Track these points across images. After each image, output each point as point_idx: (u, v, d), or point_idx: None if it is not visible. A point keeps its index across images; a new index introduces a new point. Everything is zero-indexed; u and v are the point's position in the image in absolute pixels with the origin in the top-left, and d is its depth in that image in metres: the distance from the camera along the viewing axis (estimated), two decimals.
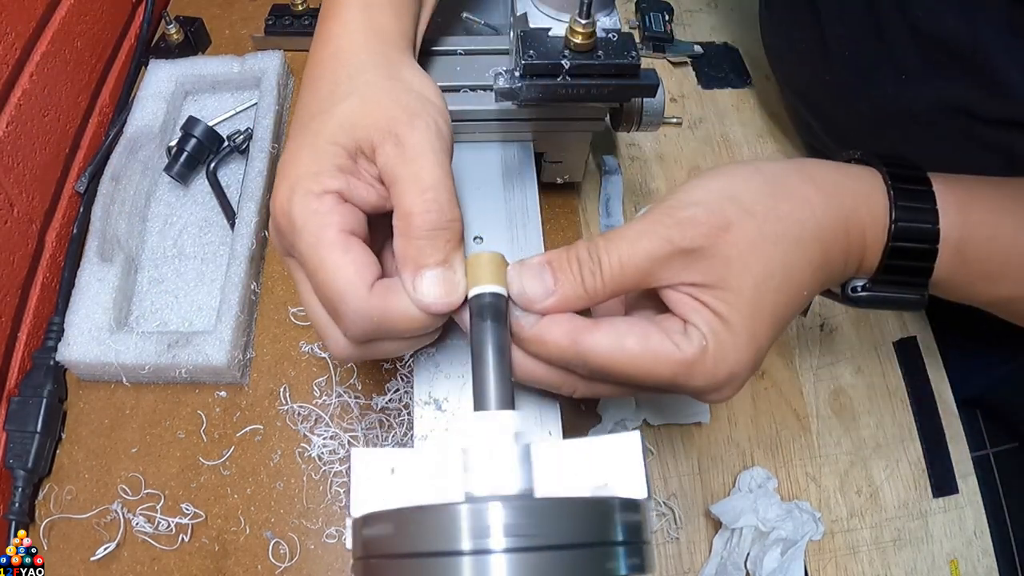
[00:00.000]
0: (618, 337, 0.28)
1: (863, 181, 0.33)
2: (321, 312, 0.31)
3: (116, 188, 0.53)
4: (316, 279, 0.29)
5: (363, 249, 0.30)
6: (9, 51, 0.47)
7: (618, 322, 0.29)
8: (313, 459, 0.45)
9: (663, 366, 0.28)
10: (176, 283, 0.51)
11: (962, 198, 0.33)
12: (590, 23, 0.35)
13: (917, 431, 0.50)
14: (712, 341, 0.28)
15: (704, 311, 0.29)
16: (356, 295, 0.28)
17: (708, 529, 0.46)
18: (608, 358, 0.28)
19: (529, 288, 0.29)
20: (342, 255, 0.29)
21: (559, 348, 0.29)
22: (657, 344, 0.28)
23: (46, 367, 0.47)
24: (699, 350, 0.28)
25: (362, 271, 0.29)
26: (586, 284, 0.29)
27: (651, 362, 0.28)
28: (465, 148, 0.45)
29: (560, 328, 0.29)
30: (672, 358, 0.28)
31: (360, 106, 0.31)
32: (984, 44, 0.41)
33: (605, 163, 0.58)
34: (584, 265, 0.29)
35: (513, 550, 0.21)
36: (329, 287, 0.29)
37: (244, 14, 0.67)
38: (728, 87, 0.66)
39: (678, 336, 0.29)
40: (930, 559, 0.46)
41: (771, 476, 0.46)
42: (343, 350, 0.32)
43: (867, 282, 0.34)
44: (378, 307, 0.29)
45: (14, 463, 0.44)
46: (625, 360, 0.28)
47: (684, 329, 0.29)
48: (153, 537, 0.43)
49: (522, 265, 0.30)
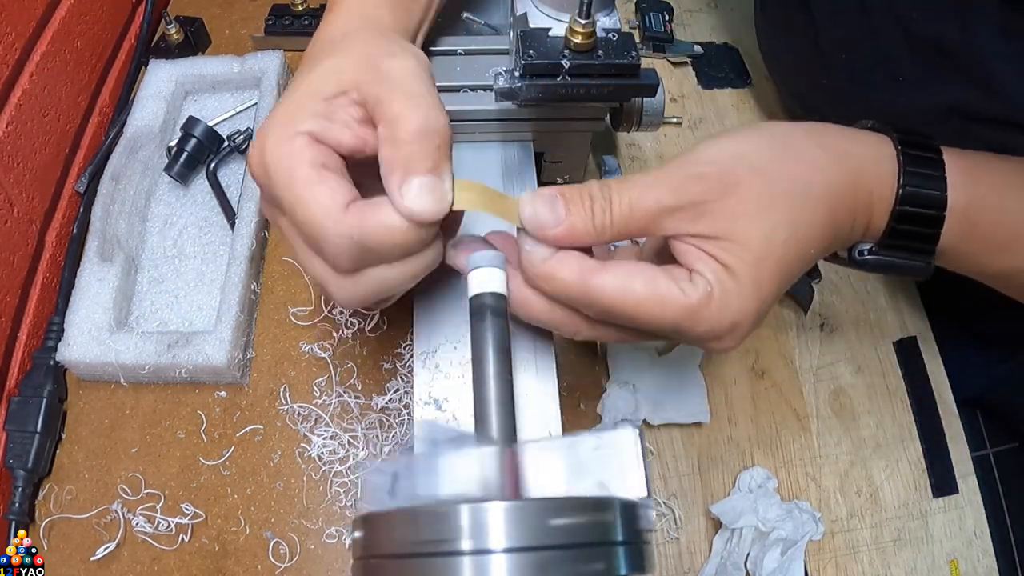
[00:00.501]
0: (626, 278, 0.29)
1: (872, 146, 0.34)
2: (314, 259, 0.31)
3: (116, 188, 0.53)
4: (295, 218, 0.29)
5: (337, 177, 0.29)
6: (9, 51, 0.47)
7: (627, 264, 0.30)
8: (313, 459, 0.45)
9: (668, 310, 0.29)
10: (176, 283, 0.51)
11: (972, 169, 0.34)
12: (590, 23, 0.35)
13: (917, 431, 0.50)
14: (717, 289, 0.29)
15: (710, 260, 0.29)
16: (330, 216, 0.28)
17: (708, 529, 0.46)
18: (615, 298, 0.29)
19: (541, 214, 0.29)
20: (315, 184, 0.28)
21: (567, 285, 0.29)
22: (664, 288, 0.29)
23: (46, 367, 0.47)
24: (704, 296, 0.29)
25: (335, 194, 0.28)
26: (595, 219, 0.29)
27: (657, 305, 0.29)
28: (465, 148, 0.45)
29: (570, 265, 0.29)
30: (677, 302, 0.29)
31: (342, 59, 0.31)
32: (977, 46, 0.41)
33: (605, 163, 0.58)
34: (595, 200, 0.30)
35: (513, 550, 0.21)
36: (308, 220, 0.28)
37: (244, 14, 0.67)
38: (728, 87, 0.66)
39: (684, 282, 0.29)
40: (930, 559, 0.46)
41: (771, 476, 0.46)
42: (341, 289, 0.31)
43: (874, 246, 0.35)
44: (355, 225, 0.28)
45: (14, 463, 0.44)
46: (631, 302, 0.29)
47: (690, 276, 0.30)
48: (153, 537, 0.43)
49: (535, 192, 0.30)
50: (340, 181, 0.29)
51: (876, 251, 0.35)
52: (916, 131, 0.35)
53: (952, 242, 0.34)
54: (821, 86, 0.54)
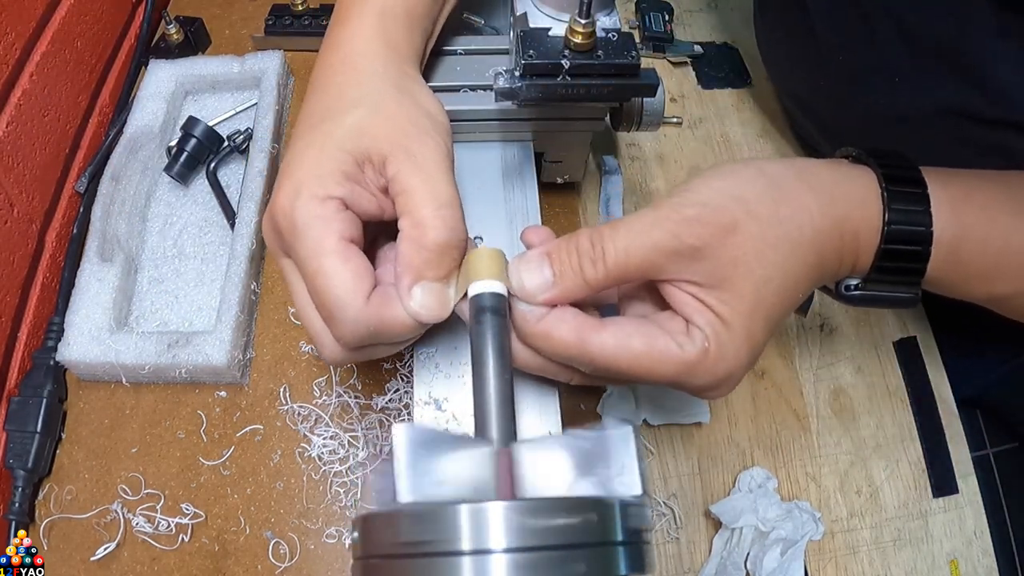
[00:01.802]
0: (625, 337, 0.29)
1: (858, 185, 0.33)
2: (315, 316, 0.32)
3: (116, 188, 0.53)
4: (313, 284, 0.30)
5: (362, 258, 0.30)
6: (9, 51, 0.47)
7: (623, 323, 0.30)
8: (313, 459, 0.45)
9: (667, 366, 0.29)
10: (176, 283, 0.51)
11: (957, 197, 0.34)
12: (590, 23, 0.35)
13: (917, 431, 0.50)
14: (714, 343, 0.29)
15: (707, 313, 0.29)
16: (354, 304, 0.29)
17: (708, 529, 0.46)
18: (612, 356, 0.29)
19: (528, 281, 0.30)
20: (342, 264, 0.29)
21: (564, 345, 0.29)
22: (662, 345, 0.29)
23: (46, 367, 0.47)
24: (701, 351, 0.29)
25: (361, 281, 0.29)
26: (586, 275, 0.29)
27: (656, 362, 0.29)
28: (465, 148, 0.45)
29: (567, 325, 0.29)
30: (676, 359, 0.29)
31: (370, 115, 0.32)
32: (974, 47, 0.41)
33: (605, 163, 0.58)
34: (584, 255, 0.30)
35: (513, 550, 0.21)
36: (327, 294, 0.29)
37: (244, 14, 0.67)
38: (728, 87, 0.66)
39: (681, 337, 0.29)
40: (930, 559, 0.46)
41: (771, 476, 0.46)
42: (335, 354, 0.32)
43: (860, 281, 0.35)
44: (375, 316, 0.29)
45: (14, 463, 0.44)
46: (630, 359, 0.29)
47: (687, 330, 0.30)
48: (153, 537, 0.43)
49: (520, 259, 0.30)
50: (364, 265, 0.30)
51: (862, 286, 0.35)
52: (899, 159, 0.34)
53: (939, 272, 0.34)
54: (819, 87, 0.54)
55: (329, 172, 0.30)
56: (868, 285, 0.35)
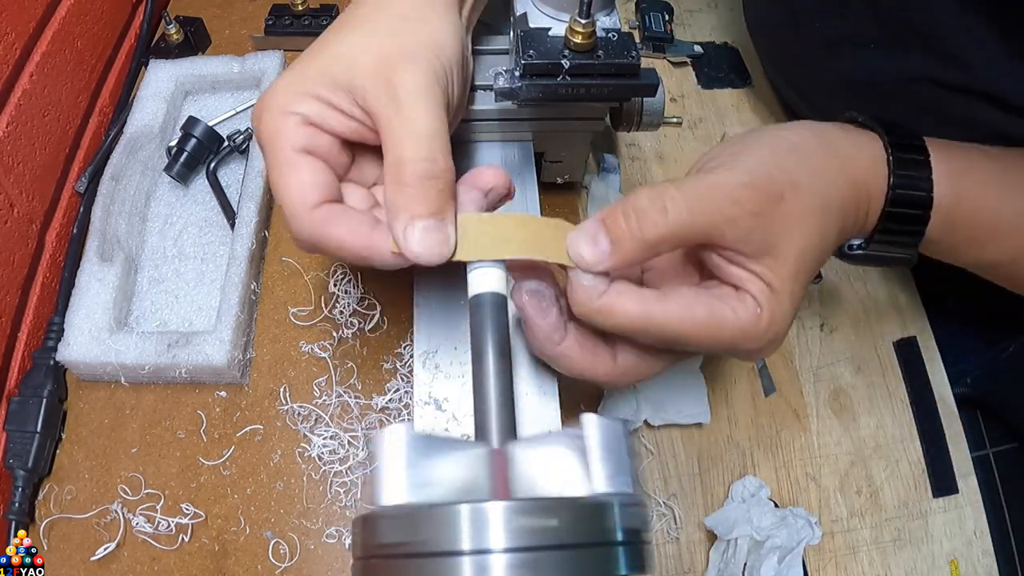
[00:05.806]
0: (687, 307, 0.29)
1: (868, 150, 0.35)
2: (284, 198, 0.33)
3: (116, 188, 0.53)
4: (272, 187, 0.31)
5: (313, 169, 0.31)
6: (9, 51, 0.47)
7: (684, 292, 0.30)
8: (313, 459, 0.45)
9: (726, 332, 0.30)
10: (176, 283, 0.51)
11: (956, 168, 0.36)
12: (590, 23, 0.35)
13: (917, 431, 0.50)
14: (766, 309, 0.30)
15: (757, 281, 0.30)
16: (295, 214, 0.30)
17: (708, 530, 0.46)
18: (680, 326, 0.29)
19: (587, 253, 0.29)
20: (290, 173, 0.30)
21: (629, 318, 0.29)
22: (721, 313, 0.30)
23: (46, 367, 0.47)
24: (755, 316, 0.30)
25: (305, 192, 0.30)
26: (646, 234, 0.29)
27: (717, 329, 0.30)
28: (465, 148, 0.45)
29: (629, 298, 0.29)
30: (734, 325, 0.30)
31: (357, 42, 0.32)
32: (938, 20, 0.43)
33: (605, 162, 0.58)
34: (644, 214, 0.29)
35: (513, 550, 0.21)
36: (278, 199, 0.31)
37: (244, 14, 0.67)
38: (728, 87, 0.66)
39: (735, 303, 0.30)
40: (930, 559, 0.46)
41: (763, 484, 0.46)
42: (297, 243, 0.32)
43: (863, 241, 0.37)
44: (317, 232, 0.30)
45: (14, 463, 0.44)
46: (695, 327, 0.30)
47: (739, 296, 0.31)
48: (153, 537, 0.43)
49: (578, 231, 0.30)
50: (315, 175, 0.30)
51: (865, 246, 0.37)
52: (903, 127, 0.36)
53: (935, 236, 0.36)
54: (795, 55, 0.56)
55: (297, 91, 0.31)
56: (870, 245, 0.37)
